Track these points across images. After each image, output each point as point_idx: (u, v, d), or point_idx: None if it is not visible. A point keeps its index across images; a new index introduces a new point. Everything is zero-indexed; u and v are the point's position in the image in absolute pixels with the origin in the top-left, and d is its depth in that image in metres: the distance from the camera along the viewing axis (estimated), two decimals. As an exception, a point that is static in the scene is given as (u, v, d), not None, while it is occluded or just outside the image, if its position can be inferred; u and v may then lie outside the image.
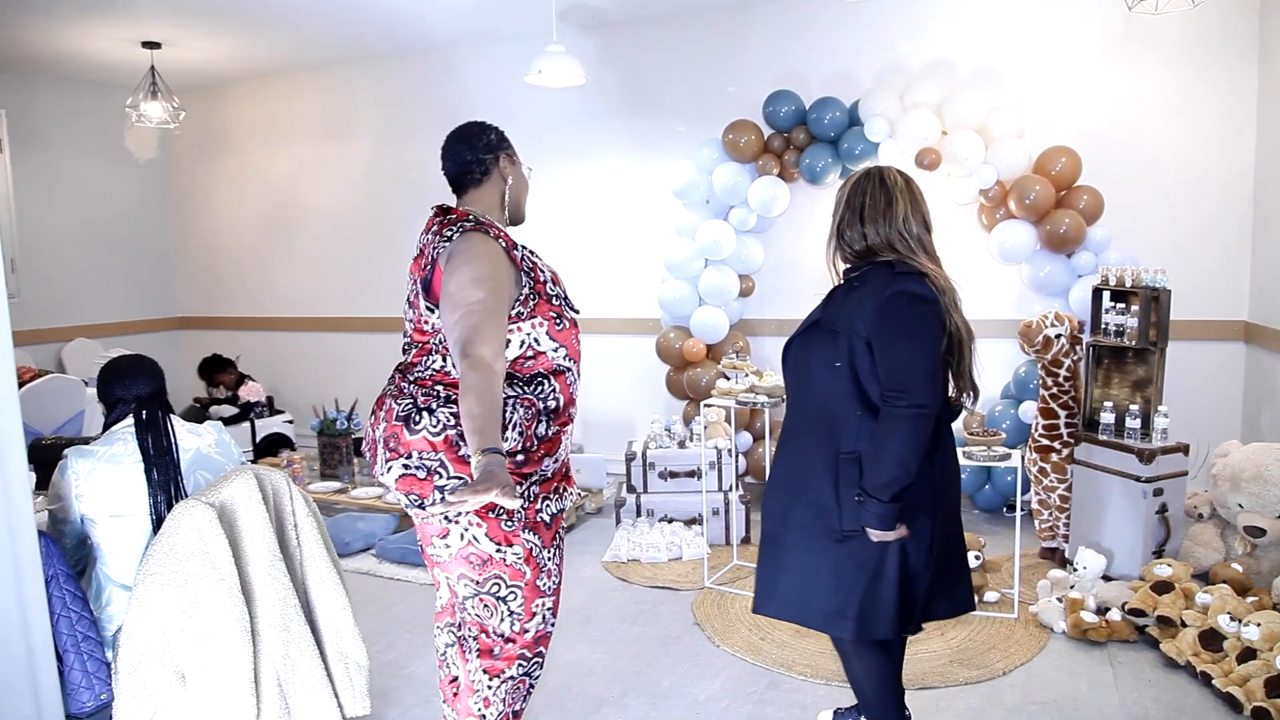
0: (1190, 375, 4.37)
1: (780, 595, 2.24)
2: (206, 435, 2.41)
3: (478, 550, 2.01)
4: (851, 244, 2.22)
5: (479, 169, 2.15)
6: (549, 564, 2.11)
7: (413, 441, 1.97)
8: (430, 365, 2.04)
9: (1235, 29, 4.31)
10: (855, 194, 2.22)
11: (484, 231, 1.99)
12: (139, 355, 2.49)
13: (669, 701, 2.96)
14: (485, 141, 2.16)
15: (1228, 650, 2.92)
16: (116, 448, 2.23)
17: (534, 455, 2.03)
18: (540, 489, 2.06)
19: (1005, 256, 4.46)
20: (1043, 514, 4.04)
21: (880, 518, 2.06)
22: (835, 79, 5.01)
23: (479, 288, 1.87)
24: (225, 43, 5.87)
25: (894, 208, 2.16)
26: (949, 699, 2.90)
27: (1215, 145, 4.40)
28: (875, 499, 2.06)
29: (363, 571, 4.17)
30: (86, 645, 2.07)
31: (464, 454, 1.95)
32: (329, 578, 2.26)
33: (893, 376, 2.05)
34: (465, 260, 1.92)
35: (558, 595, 2.17)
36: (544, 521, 2.07)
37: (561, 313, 2.10)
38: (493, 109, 5.94)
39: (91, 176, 6.85)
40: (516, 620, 2.08)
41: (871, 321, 2.08)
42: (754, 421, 5.08)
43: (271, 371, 6.91)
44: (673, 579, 4.01)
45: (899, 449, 2.04)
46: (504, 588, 2.06)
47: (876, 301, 2.08)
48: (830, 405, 2.14)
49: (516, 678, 2.13)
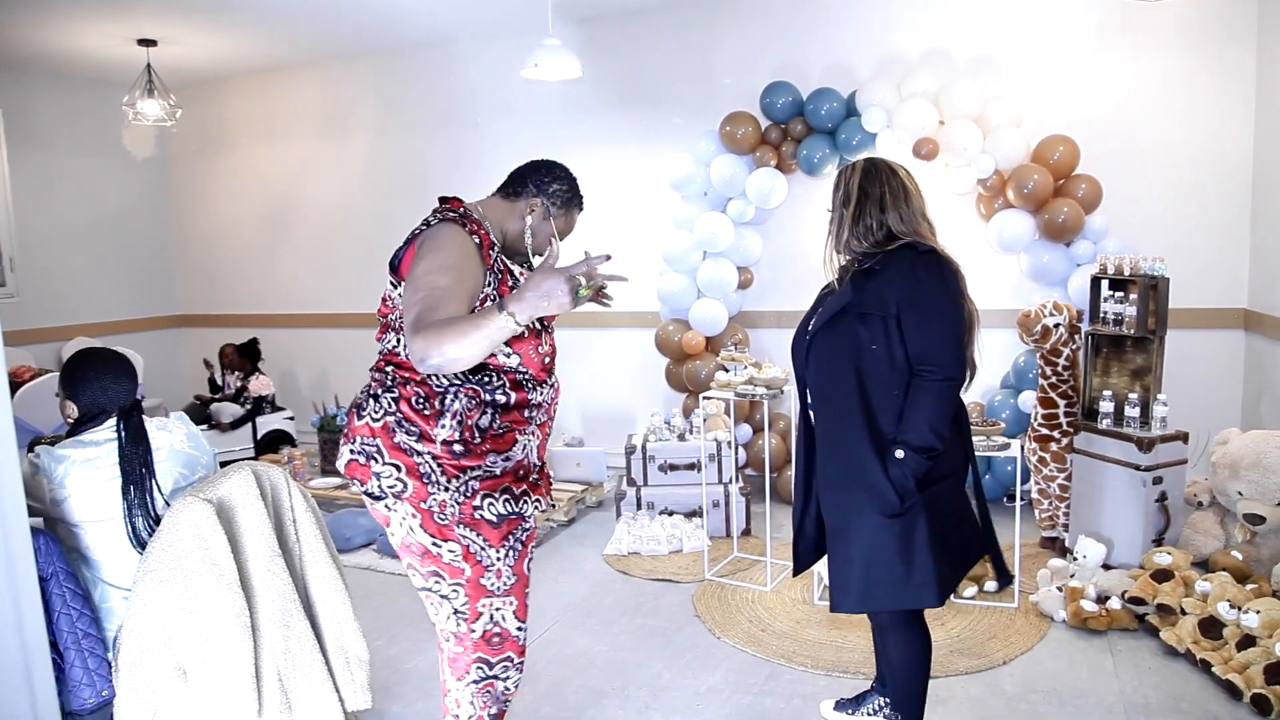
0: (1189, 363, 4.37)
1: (856, 590, 2.25)
2: (177, 430, 2.35)
3: (416, 541, 2.03)
4: (871, 231, 2.25)
5: (518, 186, 2.16)
6: (497, 564, 2.05)
7: (358, 427, 2.03)
8: (386, 343, 2.08)
9: (1233, 16, 4.30)
10: (870, 184, 2.26)
11: (461, 224, 2.00)
12: (113, 353, 2.35)
13: (670, 693, 2.97)
14: (545, 179, 2.15)
15: (1227, 638, 2.92)
16: (89, 452, 2.16)
17: (475, 448, 1.99)
18: (481, 485, 2.01)
19: (1004, 246, 4.46)
20: (1042, 503, 4.05)
21: (915, 476, 2.14)
22: (833, 69, 5.00)
23: (444, 274, 1.88)
24: (221, 39, 5.86)
25: (910, 197, 2.26)
26: (949, 688, 2.91)
27: (1213, 133, 4.39)
28: (915, 454, 2.14)
29: (364, 567, 4.18)
30: (87, 642, 2.07)
31: (398, 441, 1.98)
32: (328, 572, 2.27)
33: (926, 350, 2.14)
34: (435, 248, 1.94)
35: (519, 599, 2.11)
36: (487, 520, 2.02)
37: None
38: (490, 103, 5.94)
39: (89, 174, 6.84)
40: (462, 620, 2.06)
41: (904, 299, 2.15)
42: (753, 413, 5.08)
43: (271, 368, 6.90)
44: (673, 571, 4.02)
45: (932, 418, 2.13)
46: (445, 585, 2.05)
47: (907, 280, 2.16)
48: (869, 388, 2.18)
49: (480, 682, 2.10)
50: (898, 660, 2.40)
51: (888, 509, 2.16)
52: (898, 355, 2.16)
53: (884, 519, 2.17)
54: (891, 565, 2.18)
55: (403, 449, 1.99)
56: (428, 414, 1.98)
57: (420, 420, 1.98)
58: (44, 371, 5.44)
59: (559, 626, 3.50)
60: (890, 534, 2.18)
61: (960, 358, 2.17)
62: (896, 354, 2.16)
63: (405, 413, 1.99)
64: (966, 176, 4.50)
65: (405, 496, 1.99)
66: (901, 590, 2.19)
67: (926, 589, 2.18)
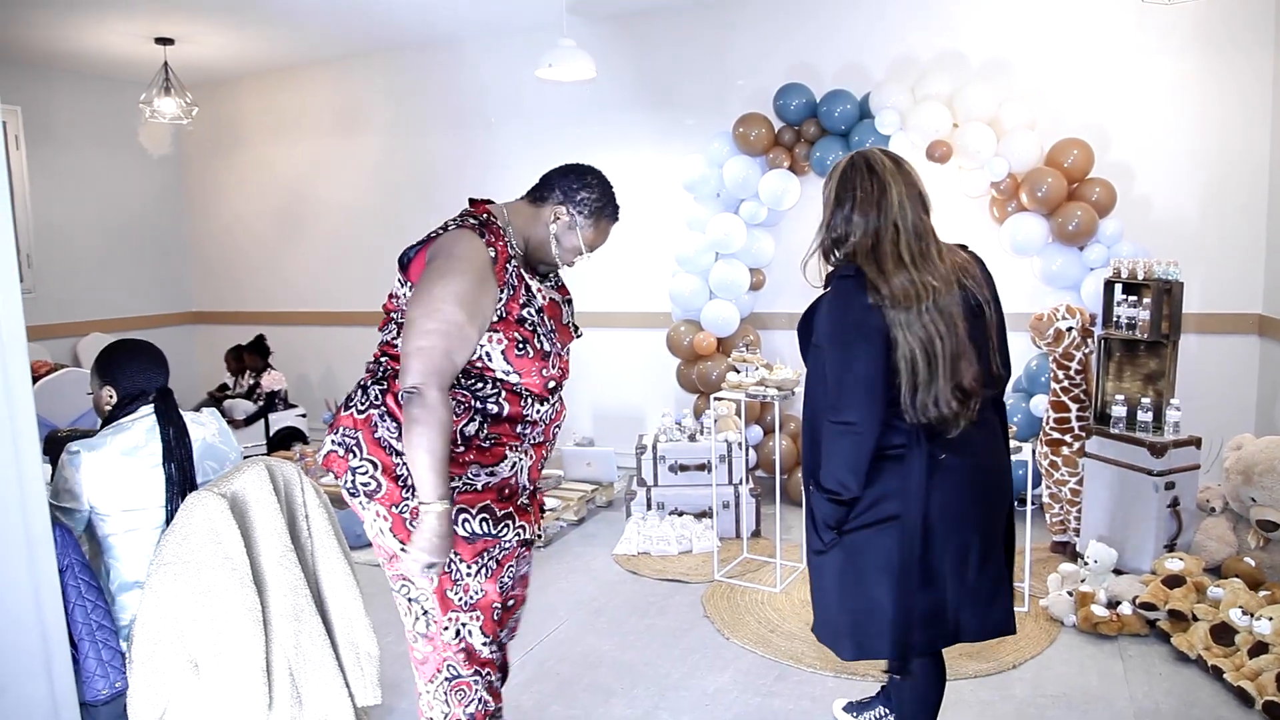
0: (1203, 368, 4.34)
1: (818, 619, 2.23)
2: (210, 424, 2.40)
3: (384, 544, 1.99)
4: (841, 243, 2.06)
5: (545, 191, 2.07)
6: (466, 579, 1.97)
7: (343, 418, 1.99)
8: (387, 334, 2.04)
9: (1250, 19, 4.27)
10: (844, 188, 2.06)
11: (480, 234, 1.92)
12: (147, 343, 2.40)
13: (678, 693, 2.97)
14: (574, 188, 2.06)
15: (1239, 644, 2.90)
16: (128, 439, 2.20)
17: (457, 456, 1.91)
18: (459, 499, 1.91)
19: (1017, 249, 4.44)
20: (1054, 508, 4.03)
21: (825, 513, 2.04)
22: (846, 71, 5.00)
23: (460, 309, 1.83)
24: (237, 38, 5.90)
25: (885, 196, 2.01)
26: (959, 692, 2.90)
27: (1229, 137, 4.36)
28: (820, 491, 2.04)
29: (375, 563, 4.15)
30: (101, 634, 2.09)
31: (379, 436, 1.94)
32: (340, 568, 2.28)
33: (830, 390, 1.99)
34: (450, 268, 1.87)
35: (485, 614, 2.02)
36: (461, 536, 1.92)
37: (529, 340, 1.95)
38: (504, 103, 5.96)
39: (106, 172, 6.90)
40: (430, 622, 2.03)
41: (821, 332, 2.03)
42: (764, 415, 5.08)
43: (284, 366, 6.93)
44: (683, 572, 4.02)
45: (836, 462, 1.99)
46: (412, 589, 2.02)
47: (824, 312, 2.03)
48: (816, 419, 2.08)
49: (451, 680, 2.05)
50: (907, 695, 2.35)
51: (812, 543, 2.12)
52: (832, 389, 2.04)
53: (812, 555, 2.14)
54: (837, 607, 2.12)
55: (382, 446, 1.94)
56: None
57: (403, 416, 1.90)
58: (60, 366, 5.48)
59: (568, 625, 3.51)
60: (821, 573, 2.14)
61: (861, 401, 1.94)
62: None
63: (390, 406, 1.95)
64: (980, 179, 4.49)
65: (378, 497, 1.95)
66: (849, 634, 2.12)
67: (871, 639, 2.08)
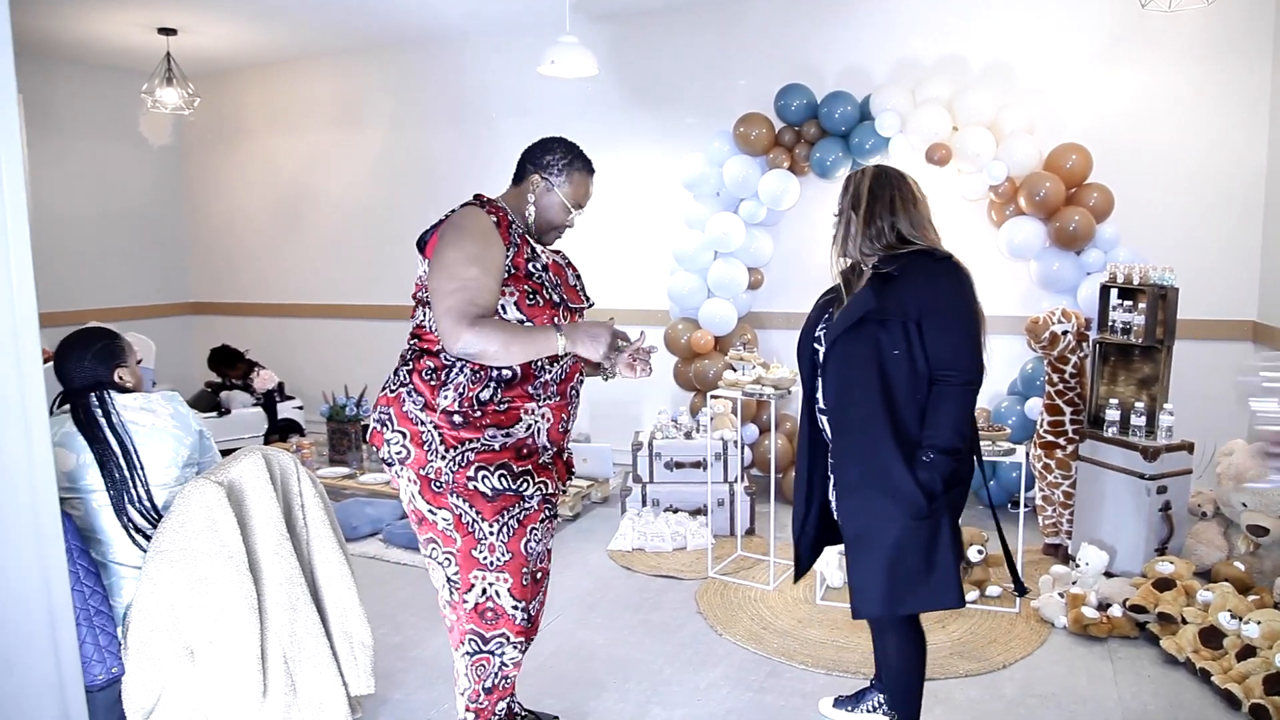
0: (1197, 374, 4.36)
1: (879, 594, 2.25)
2: (161, 410, 2.30)
3: (416, 507, 2.16)
4: (883, 234, 2.26)
5: (520, 171, 2.31)
6: (490, 539, 2.13)
7: (380, 398, 2.20)
8: (417, 319, 2.21)
9: (1249, 26, 4.29)
10: (881, 188, 2.28)
11: (480, 205, 2.18)
12: (85, 332, 2.38)
13: (670, 688, 2.99)
14: (539, 155, 2.30)
15: (1227, 648, 2.92)
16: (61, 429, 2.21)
17: (474, 420, 2.09)
18: (477, 457, 2.09)
19: (1014, 253, 4.46)
20: (1046, 510, 4.05)
21: (943, 477, 2.17)
22: (847, 73, 5.02)
23: (473, 264, 2.05)
24: (240, 29, 5.91)
25: (919, 203, 2.29)
26: (948, 690, 2.92)
27: (1227, 144, 4.39)
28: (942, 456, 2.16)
29: (370, 556, 4.21)
30: (99, 619, 2.10)
31: (406, 409, 2.11)
32: (335, 557, 2.30)
33: (947, 354, 2.16)
34: (458, 234, 2.09)
35: (515, 577, 2.16)
36: (481, 493, 2.10)
37: (539, 290, 2.16)
38: (505, 99, 5.97)
39: (106, 161, 6.90)
40: (454, 589, 2.17)
41: (925, 305, 2.17)
42: (760, 414, 5.10)
43: (282, 358, 6.95)
44: (677, 568, 4.04)
45: (956, 420, 2.17)
46: (439, 552, 2.17)
47: (929, 286, 2.18)
48: (893, 393, 2.18)
49: (473, 655, 2.20)
50: (895, 660, 2.42)
51: (916, 512, 2.17)
52: (919, 360, 2.17)
53: (911, 523, 2.18)
54: (916, 569, 2.20)
55: (409, 417, 2.12)
56: (434, 384, 2.10)
57: (426, 390, 2.10)
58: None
59: (562, 620, 3.52)
60: (916, 538, 2.19)
61: (979, 362, 2.21)
62: (918, 359, 2.17)
63: (416, 384, 2.12)
64: (978, 183, 4.51)
65: (408, 463, 2.13)
66: (926, 593, 2.22)
67: (949, 590, 2.21)
